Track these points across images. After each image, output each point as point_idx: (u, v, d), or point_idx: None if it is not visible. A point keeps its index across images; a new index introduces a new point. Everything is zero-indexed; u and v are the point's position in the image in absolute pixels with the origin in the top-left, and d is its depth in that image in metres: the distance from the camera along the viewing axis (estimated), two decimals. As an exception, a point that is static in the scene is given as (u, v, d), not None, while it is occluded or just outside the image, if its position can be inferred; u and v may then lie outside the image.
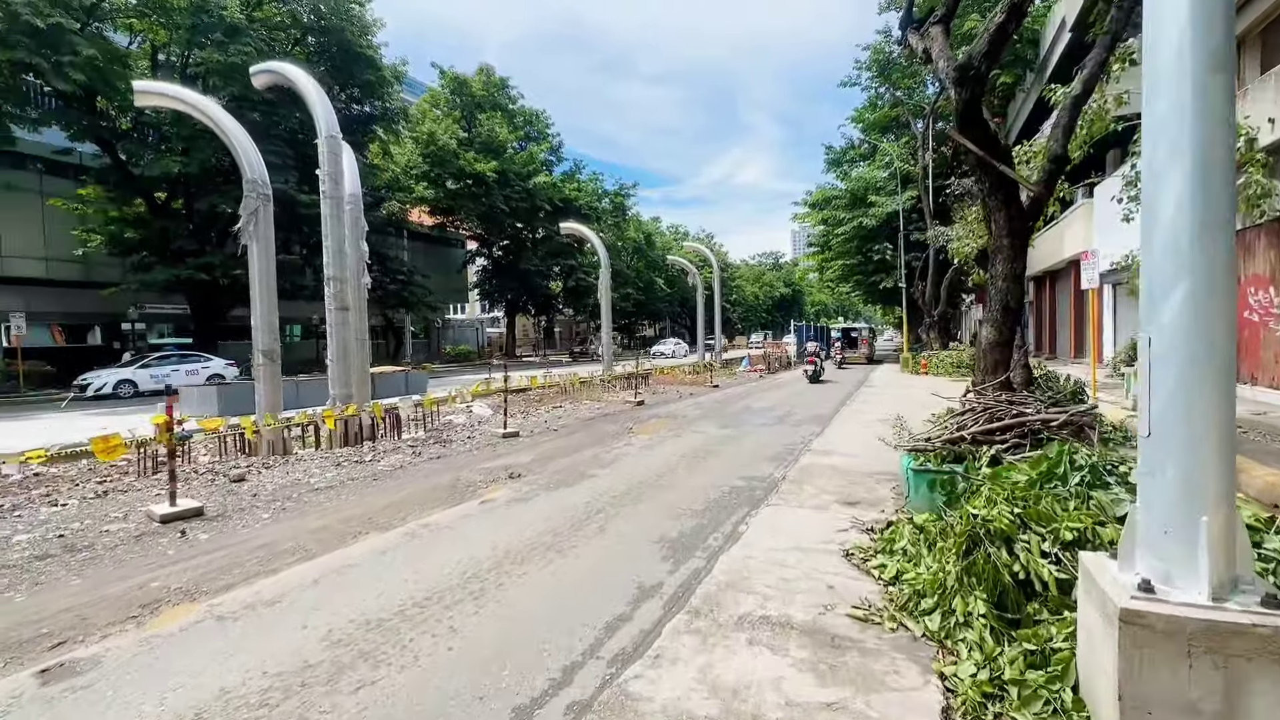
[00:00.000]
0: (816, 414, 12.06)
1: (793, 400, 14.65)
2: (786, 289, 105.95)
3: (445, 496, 6.20)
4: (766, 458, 7.83)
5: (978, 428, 4.88)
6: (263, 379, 8.39)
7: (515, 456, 8.21)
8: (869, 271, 35.55)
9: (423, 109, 34.81)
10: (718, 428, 10.49)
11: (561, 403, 14.56)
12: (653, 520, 5.24)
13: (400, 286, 33.36)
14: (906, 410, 12.45)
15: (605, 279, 18.03)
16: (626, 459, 7.88)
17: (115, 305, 25.69)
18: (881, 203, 31.20)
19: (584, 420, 11.76)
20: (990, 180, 4.95)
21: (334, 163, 9.01)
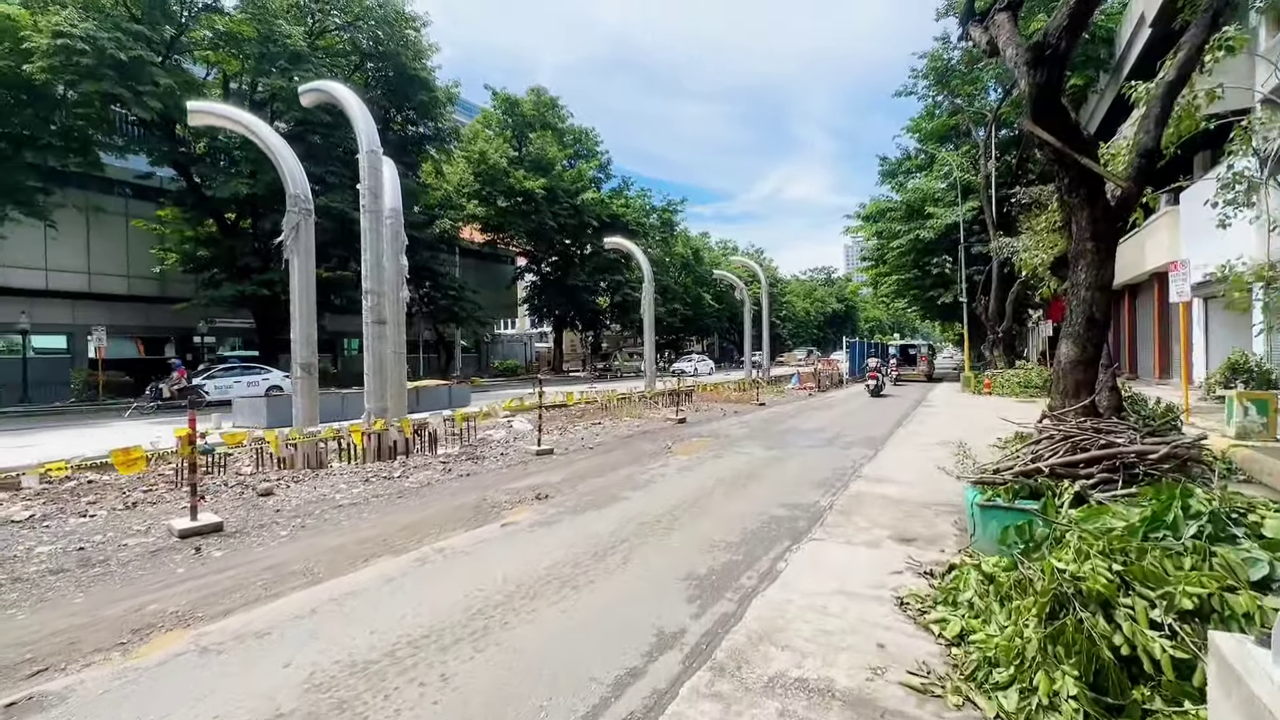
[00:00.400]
0: (869, 436, 11.29)
1: (843, 421, 13.86)
2: (839, 304, 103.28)
3: (467, 517, 5.91)
4: (813, 483, 7.23)
5: (1058, 459, 4.22)
6: (300, 392, 8.40)
7: (546, 475, 7.89)
8: (926, 286, 34.04)
9: (475, 129, 35.76)
10: (762, 449, 9.91)
11: (601, 419, 14.25)
12: (682, 552, 4.77)
13: (451, 302, 34.12)
14: (968, 434, 11.52)
15: (648, 293, 17.72)
16: (662, 481, 7.43)
17: (188, 320, 27.18)
18: (940, 214, 29.85)
19: (622, 438, 11.38)
20: (1070, 176, 4.32)
21: (374, 177, 9.05)
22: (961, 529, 5.23)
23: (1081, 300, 4.33)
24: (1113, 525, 3.09)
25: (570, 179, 38.22)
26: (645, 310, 17.75)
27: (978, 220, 29.45)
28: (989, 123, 28.52)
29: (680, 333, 66.84)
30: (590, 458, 9.28)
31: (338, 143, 22.78)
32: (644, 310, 17.80)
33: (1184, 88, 5.10)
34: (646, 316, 17.71)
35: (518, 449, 9.97)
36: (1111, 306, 4.57)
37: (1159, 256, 19.54)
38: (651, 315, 17.70)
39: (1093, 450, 4.21)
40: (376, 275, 9.13)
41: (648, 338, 17.81)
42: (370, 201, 9.05)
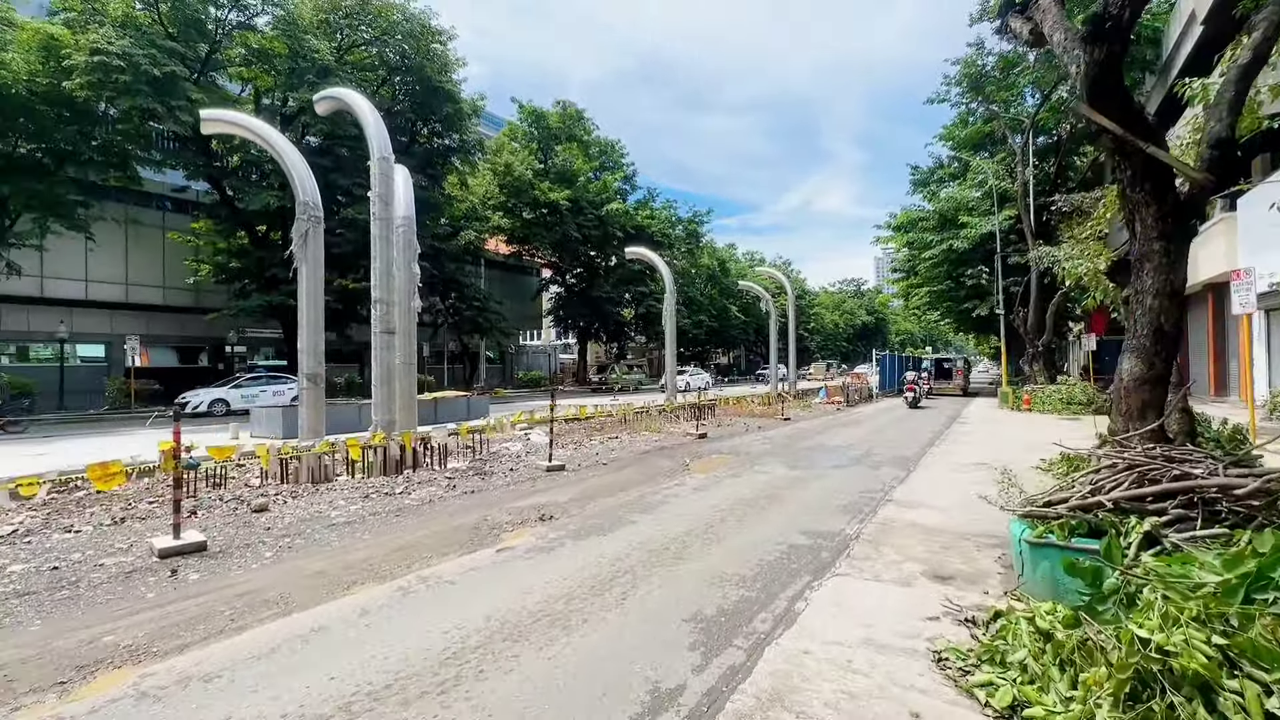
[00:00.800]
0: (899, 455, 10.63)
1: (873, 438, 13.18)
2: (869, 317, 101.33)
3: (464, 540, 5.54)
4: (838, 508, 6.68)
5: (1122, 491, 3.65)
6: (306, 403, 8.20)
7: (553, 494, 7.50)
8: (960, 298, 32.88)
9: (500, 142, 36.04)
10: (785, 467, 9.36)
11: (620, 433, 13.83)
12: (690, 587, 4.31)
13: (476, 313, 34.22)
14: (1008, 455, 10.75)
15: (670, 304, 17.32)
16: (675, 502, 6.97)
17: (220, 330, 27.76)
18: (974, 223, 28.83)
19: (638, 454, 10.94)
20: (1133, 168, 3.78)
21: (385, 184, 8.88)
22: (1006, 566, 4.66)
23: (1148, 309, 3.76)
24: (1203, 580, 2.54)
25: (595, 190, 38.19)
26: (667, 321, 17.35)
27: (1014, 230, 28.36)
28: (1026, 129, 27.57)
29: (705, 344, 66.19)
30: (603, 475, 8.86)
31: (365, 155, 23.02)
32: (665, 321, 17.40)
33: (1259, 71, 4.52)
34: (668, 328, 17.29)
35: (529, 464, 9.61)
36: (1184, 316, 3.99)
37: (1214, 266, 18.39)
38: (673, 326, 17.28)
39: (1164, 482, 3.63)
40: (386, 284, 8.93)
41: (669, 349, 17.38)
42: (380, 209, 8.87)
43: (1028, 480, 7.65)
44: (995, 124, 31.15)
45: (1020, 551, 4.12)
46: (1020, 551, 4.12)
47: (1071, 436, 12.93)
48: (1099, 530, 3.73)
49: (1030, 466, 9.21)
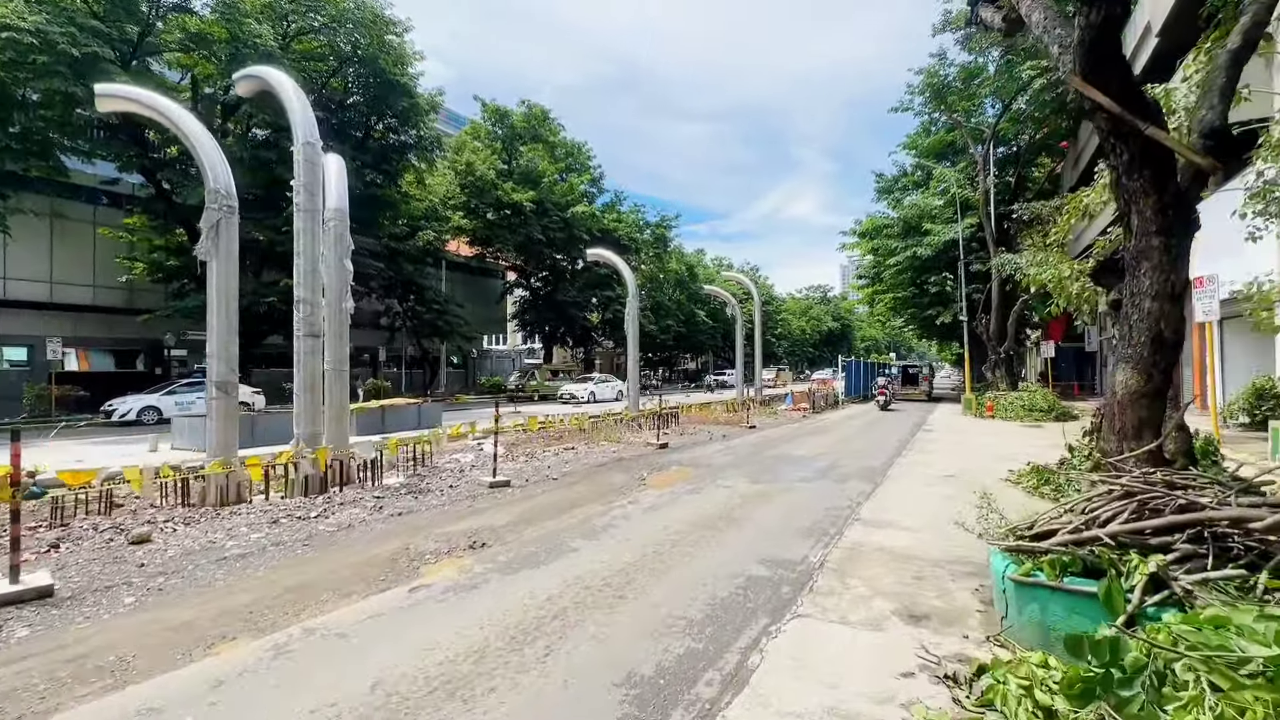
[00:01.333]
0: (866, 466, 10.21)
1: (839, 448, 12.77)
2: (835, 323, 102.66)
3: (375, 575, 4.79)
4: (801, 530, 6.13)
5: (1121, 524, 3.15)
6: (215, 415, 7.30)
7: (492, 515, 6.77)
8: (924, 305, 33.22)
9: (463, 140, 35.00)
10: (747, 481, 8.81)
11: (577, 444, 13.13)
12: (628, 636, 3.67)
13: (435, 316, 33.05)
14: (976, 464, 10.43)
15: (633, 309, 16.71)
16: (624, 524, 6.32)
17: (156, 332, 26.06)
18: (938, 231, 29.09)
19: (593, 467, 10.27)
20: (1130, 151, 3.33)
21: (310, 172, 8.05)
22: (986, 601, 4.15)
23: (1145, 314, 3.30)
24: (1247, 651, 2.02)
25: (561, 192, 37.43)
26: (629, 326, 16.73)
27: (976, 238, 28.71)
28: (987, 138, 27.96)
29: (673, 350, 65.96)
30: (550, 492, 8.16)
31: (313, 149, 21.82)
32: (627, 326, 16.77)
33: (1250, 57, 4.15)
34: (630, 333, 16.67)
35: (472, 480, 8.84)
36: (1184, 322, 3.54)
37: (1168, 275, 18.69)
38: (635, 331, 16.67)
39: (1168, 513, 3.15)
40: (310, 282, 8.08)
41: (631, 355, 16.76)
42: (305, 199, 8.03)
43: (1001, 497, 7.25)
44: (957, 133, 31.59)
45: (1004, 590, 3.61)
46: (1004, 590, 3.61)
47: (1036, 444, 12.77)
48: (1095, 569, 3.23)
49: (1000, 479, 8.88)
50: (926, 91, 30.20)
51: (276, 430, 13.99)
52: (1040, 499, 7.61)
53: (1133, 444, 3.51)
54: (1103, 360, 32.59)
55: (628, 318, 16.74)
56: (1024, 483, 8.48)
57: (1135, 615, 2.91)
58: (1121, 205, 3.45)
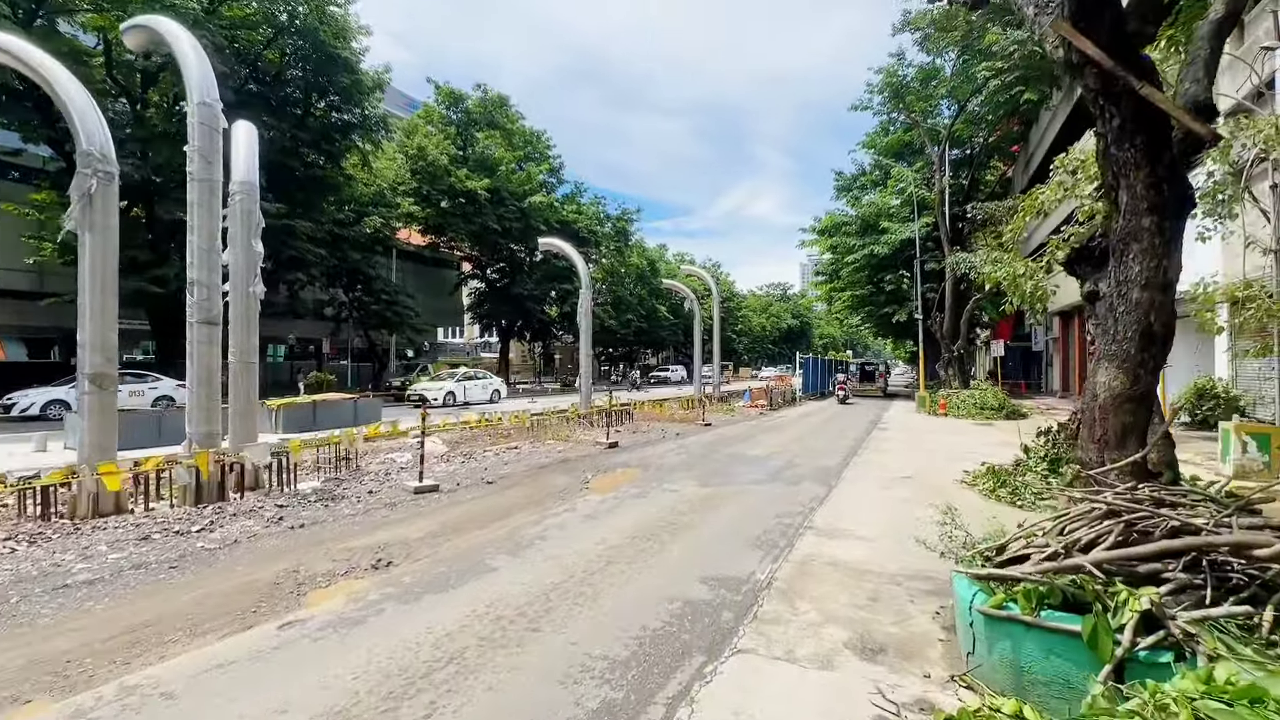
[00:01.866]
0: (822, 466, 9.82)
1: (794, 446, 12.41)
2: (794, 320, 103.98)
3: (246, 606, 4.03)
4: (750, 541, 5.61)
5: (1106, 550, 2.70)
6: (89, 412, 6.32)
7: (408, 526, 6.04)
8: (880, 303, 33.52)
9: (414, 123, 33.48)
10: (696, 484, 8.28)
11: (522, 442, 12.40)
12: (530, 686, 3.04)
13: (384, 306, 31.58)
14: (931, 463, 10.17)
15: (585, 301, 16.01)
16: (556, 537, 5.69)
17: (72, 318, 24.02)
18: (895, 229, 29.30)
19: (535, 468, 9.58)
20: (1122, 115, 2.87)
21: (206, 137, 7.09)
22: (948, 627, 3.68)
23: (1133, 306, 2.85)
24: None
25: (519, 181, 36.29)
26: (582, 318, 16.04)
27: (931, 237, 29.04)
28: (943, 139, 28.28)
29: (633, 345, 65.39)
30: (482, 498, 7.45)
31: (246, 125, 20.26)
32: (580, 318, 16.08)
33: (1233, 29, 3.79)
34: (583, 325, 15.98)
35: (397, 484, 8.04)
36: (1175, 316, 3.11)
37: (1113, 276, 19.08)
38: (588, 324, 15.99)
39: (1159, 537, 2.70)
40: (206, 262, 7.14)
41: (584, 349, 16.07)
42: (200, 168, 7.07)
43: (957, 500, 6.89)
44: (915, 132, 31.92)
45: (970, 623, 3.13)
46: (970, 623, 3.13)
47: (988, 443, 12.68)
48: (1078, 602, 2.76)
49: (955, 480, 8.60)
50: (885, 91, 30.38)
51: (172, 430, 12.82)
52: (997, 502, 7.32)
53: (1115, 454, 3.07)
54: (1048, 360, 33.56)
55: (580, 310, 16.05)
56: (980, 485, 8.21)
57: (1125, 660, 2.46)
58: (1109, 179, 3.02)
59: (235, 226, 7.79)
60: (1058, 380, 30.00)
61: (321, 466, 9.10)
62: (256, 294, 7.97)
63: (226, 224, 7.81)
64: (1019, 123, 30.96)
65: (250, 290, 7.87)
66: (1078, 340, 25.93)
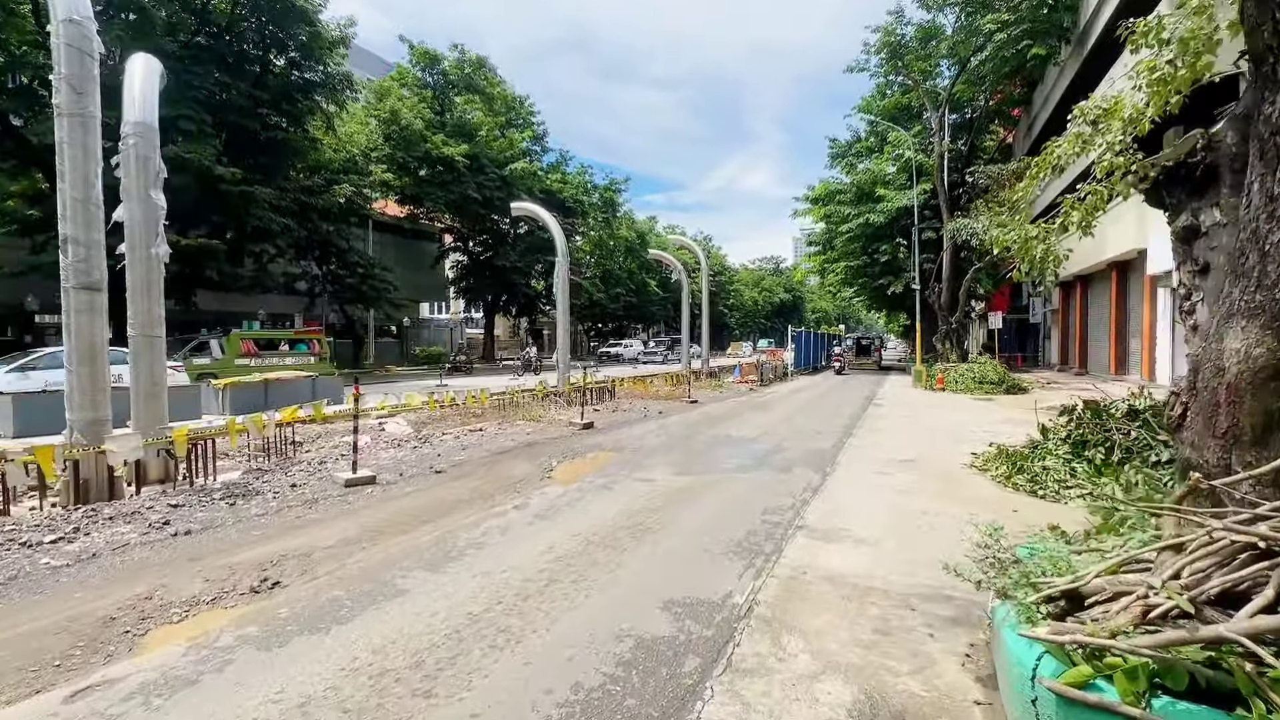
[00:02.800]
0: (814, 449, 8.88)
1: (785, 426, 11.46)
2: (786, 295, 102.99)
3: (56, 654, 3.02)
4: (730, 546, 4.65)
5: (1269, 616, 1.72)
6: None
7: (320, 531, 5.03)
8: (875, 274, 32.46)
9: (386, 86, 31.65)
10: (673, 471, 7.31)
11: (490, 424, 11.39)
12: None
13: (359, 280, 30.23)
14: (934, 444, 9.21)
15: (562, 271, 14.86)
16: (494, 544, 4.70)
17: (21, 294, 22.62)
18: (891, 197, 28.09)
19: (495, 453, 8.58)
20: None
21: (76, 62, 5.86)
22: (985, 680, 2.73)
23: None
24: None
25: (500, 148, 34.66)
26: (559, 289, 14.90)
27: (929, 205, 27.90)
28: (943, 100, 26.92)
29: (623, 320, 64.30)
30: (423, 490, 6.45)
31: (194, 80, 18.72)
32: (557, 290, 14.96)
33: None
34: (560, 297, 14.86)
35: (329, 475, 7.02)
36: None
37: (1123, 243, 18.11)
38: (566, 295, 14.87)
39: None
40: (81, 216, 5.98)
41: (561, 322, 14.97)
42: (69, 99, 5.86)
43: (967, 487, 5.92)
44: (913, 95, 30.52)
45: (1034, 699, 2.16)
46: (1034, 699, 2.16)
47: (991, 420, 11.78)
48: (1215, 690, 1.79)
49: (962, 464, 7.69)
50: (883, 51, 28.89)
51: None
52: (1014, 491, 6.41)
53: (1252, 454, 2.09)
54: (1045, 332, 32.75)
55: (557, 280, 14.92)
56: (991, 469, 7.30)
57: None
58: (1262, 42, 2.00)
59: (130, 177, 6.61)
60: (1055, 353, 29.25)
61: (254, 454, 8.07)
62: (159, 256, 6.81)
63: (120, 174, 6.63)
64: (1022, 84, 29.59)
65: (152, 251, 6.71)
66: (1079, 311, 25.07)
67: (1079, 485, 6.22)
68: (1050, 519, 4.16)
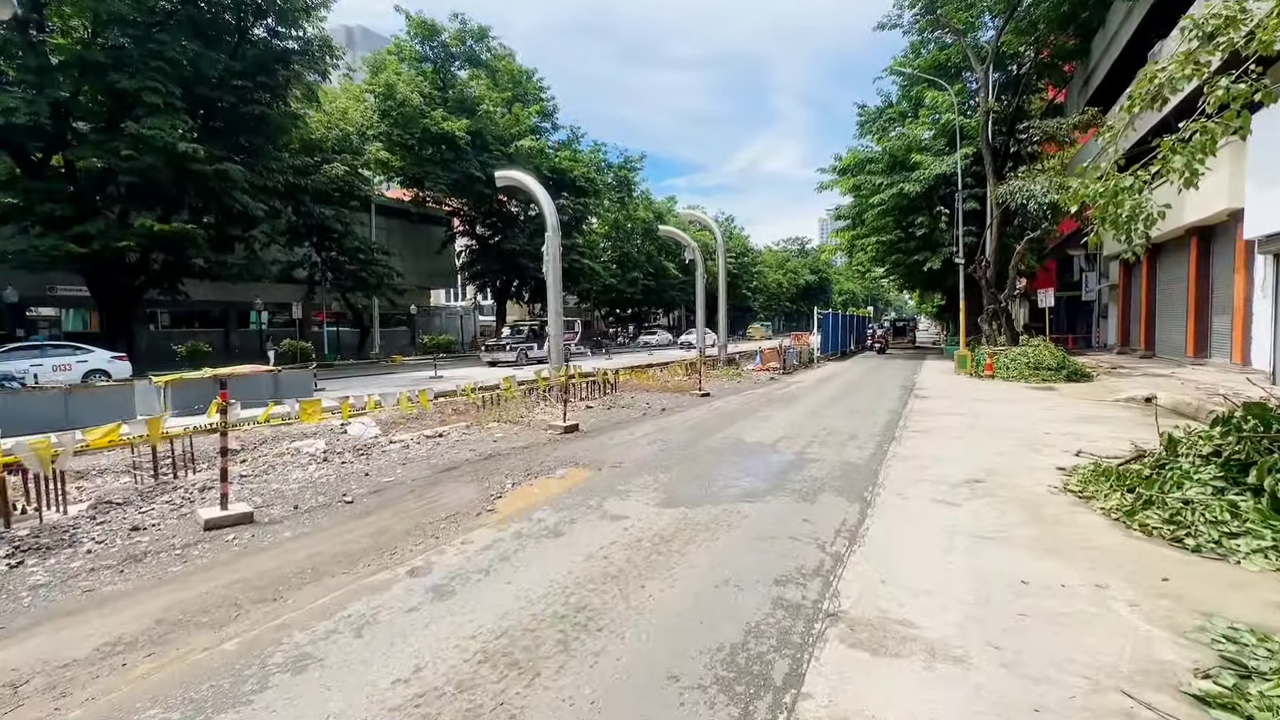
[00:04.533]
0: (847, 461, 6.91)
1: (810, 425, 9.48)
2: (812, 276, 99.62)
3: None
4: (714, 667, 2.76)
5: None
6: None
7: (97, 622, 3.30)
8: (909, 250, 29.78)
9: (382, 59, 29.94)
10: (655, 500, 5.44)
11: (459, 425, 9.67)
12: None
13: (359, 266, 28.85)
14: (1002, 454, 6.48)
15: (553, 247, 12.96)
16: (330, 666, 2.90)
17: (25, 288, 21.86)
18: (927, 164, 25.45)
19: (439, 470, 6.81)
20: None
21: None
22: None
23: None
24: None
25: (505, 124, 32.81)
26: (549, 269, 13.03)
27: (970, 171, 25.24)
28: (988, 55, 24.10)
29: (641, 305, 62.29)
30: (304, 538, 4.68)
31: (162, 51, 17.20)
32: (547, 270, 13.09)
33: None
34: (550, 277, 12.99)
35: (191, 512, 5.31)
36: None
37: (1207, 205, 15.47)
38: (557, 276, 13.01)
39: None
40: None
41: (552, 305, 13.12)
42: None
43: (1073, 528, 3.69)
44: (951, 52, 27.70)
45: None
46: None
47: (1063, 417, 9.55)
48: None
49: (1050, 486, 5.66)
50: (917, 4, 26.05)
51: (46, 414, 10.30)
52: (1144, 536, 4.40)
53: None
54: (1101, 311, 29.80)
55: (546, 258, 13.05)
56: (1097, 496, 5.27)
57: None
58: None
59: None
60: (1114, 334, 26.40)
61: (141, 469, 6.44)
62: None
63: None
64: (1075, 36, 26.53)
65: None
66: (1144, 286, 22.28)
67: (1253, 533, 4.18)
68: (1226, 596, 2.19)
